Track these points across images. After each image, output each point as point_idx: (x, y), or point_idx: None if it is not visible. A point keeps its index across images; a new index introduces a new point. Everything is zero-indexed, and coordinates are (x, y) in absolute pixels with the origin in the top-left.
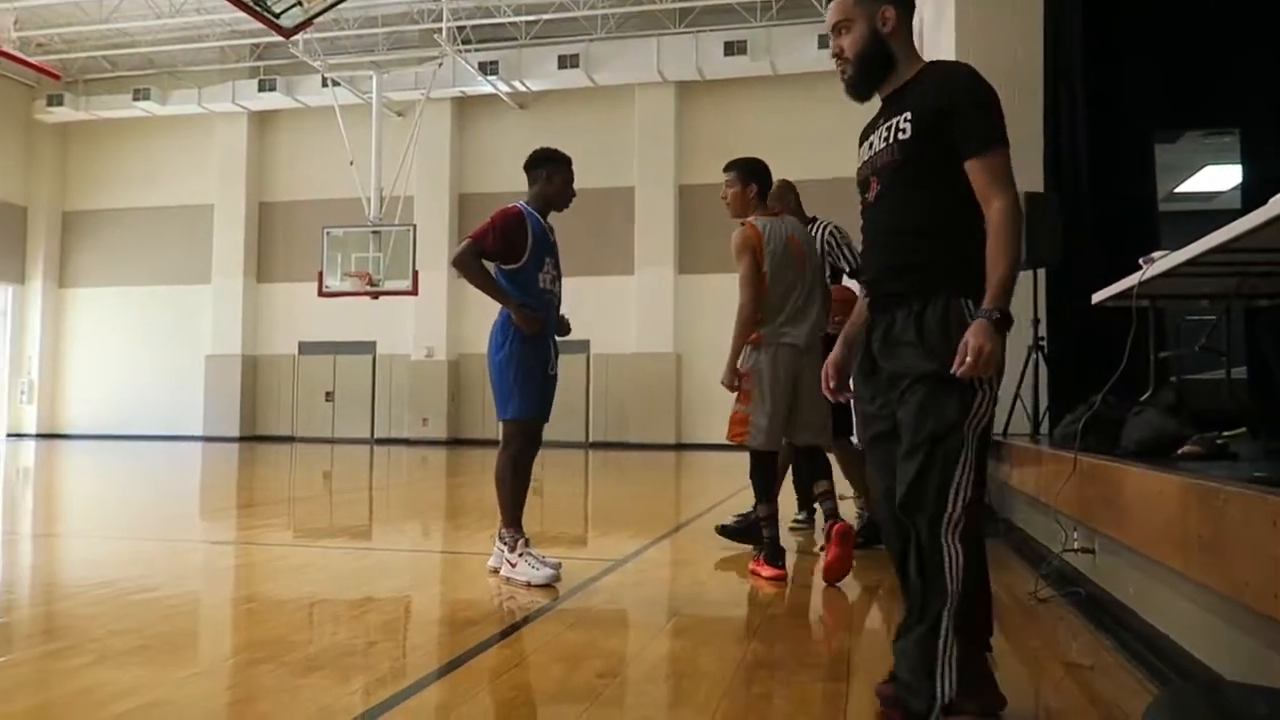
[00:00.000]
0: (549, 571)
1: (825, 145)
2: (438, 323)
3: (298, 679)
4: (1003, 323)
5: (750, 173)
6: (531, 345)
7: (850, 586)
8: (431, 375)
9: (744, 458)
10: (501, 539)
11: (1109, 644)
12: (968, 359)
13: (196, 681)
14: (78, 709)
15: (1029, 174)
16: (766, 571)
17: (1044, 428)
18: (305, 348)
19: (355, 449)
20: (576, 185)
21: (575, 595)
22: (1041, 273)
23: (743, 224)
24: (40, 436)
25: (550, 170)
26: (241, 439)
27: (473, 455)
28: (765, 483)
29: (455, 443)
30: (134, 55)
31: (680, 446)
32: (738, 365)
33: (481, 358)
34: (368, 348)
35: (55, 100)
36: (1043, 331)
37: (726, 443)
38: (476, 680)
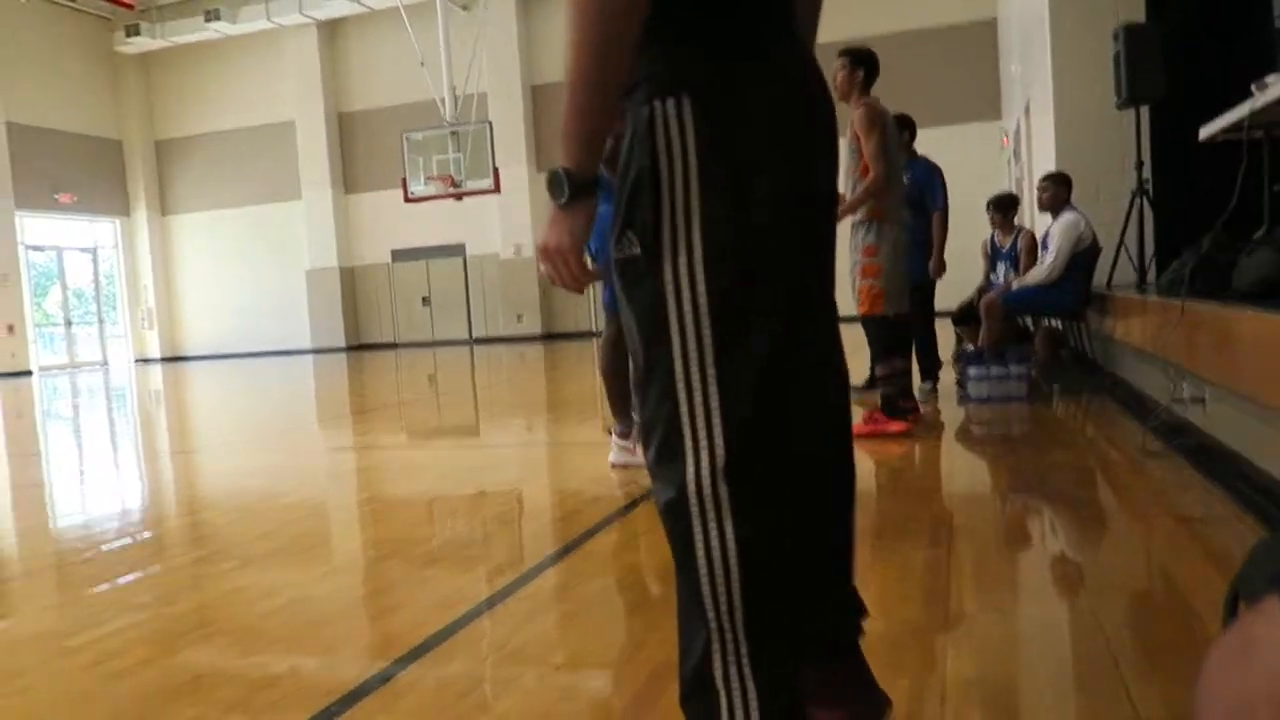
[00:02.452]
0: None
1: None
2: (522, 219)
3: (423, 570)
4: (562, 191)
5: (859, 59)
6: None
7: (951, 451)
8: (521, 272)
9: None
10: (616, 431)
11: (1222, 494)
12: None
13: (332, 578)
14: (232, 607)
15: (1128, 3)
16: (893, 426)
17: (1150, 276)
18: (398, 255)
19: (455, 350)
20: None
21: None
22: (1145, 111)
23: (863, 103)
24: (164, 360)
25: None
26: (348, 349)
27: (568, 349)
28: (891, 343)
29: (550, 337)
30: None
31: None
32: (863, 240)
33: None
34: (457, 250)
35: (133, 30)
36: (1147, 174)
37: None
38: (590, 563)
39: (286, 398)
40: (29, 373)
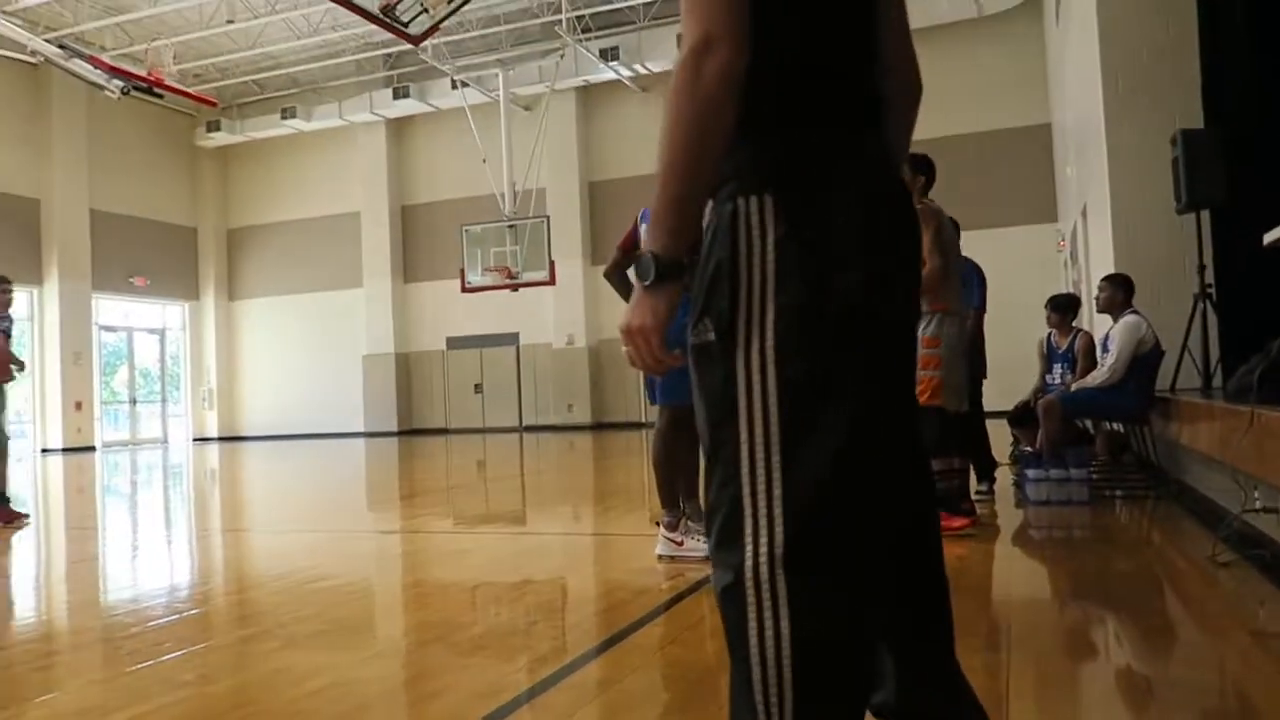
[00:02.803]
0: None
1: (960, 101)
2: (576, 310)
3: (465, 658)
4: (648, 273)
5: (919, 165)
6: None
7: (1009, 554)
8: (573, 362)
9: None
10: (664, 523)
11: None
12: None
13: (375, 662)
14: (273, 689)
15: (1185, 110)
16: (956, 522)
17: (1216, 380)
18: (452, 342)
19: (505, 437)
20: None
21: None
22: (1205, 215)
23: (921, 203)
24: (221, 439)
25: None
26: (399, 433)
27: (617, 438)
28: (950, 440)
29: (600, 427)
30: (279, 77)
31: None
32: (923, 332)
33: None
34: (511, 339)
35: (213, 126)
36: (1210, 278)
37: None
38: (635, 656)
39: (337, 480)
40: (93, 448)
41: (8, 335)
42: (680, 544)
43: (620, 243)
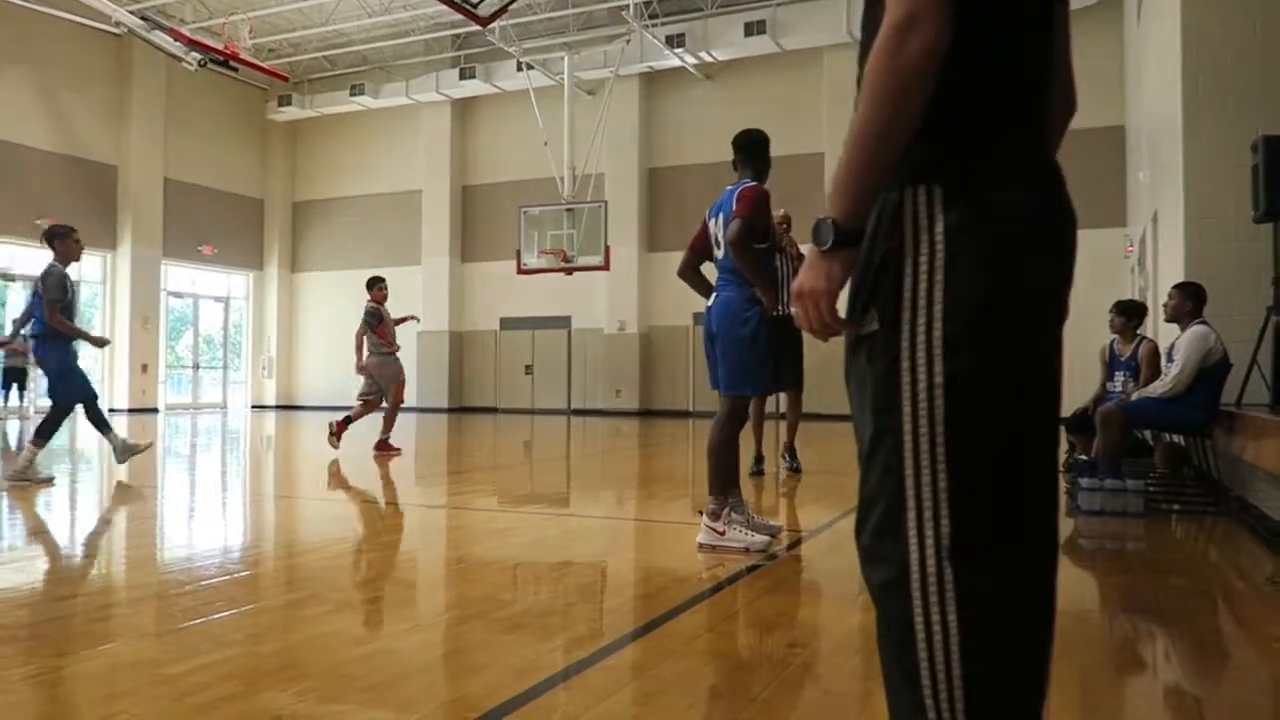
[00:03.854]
0: (762, 538)
1: None
2: (629, 296)
3: (505, 635)
4: (826, 238)
5: None
6: (769, 326)
7: (1059, 564)
8: (624, 348)
9: None
10: (707, 512)
11: None
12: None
13: (416, 633)
14: (318, 652)
15: (1269, 115)
16: None
17: None
18: (506, 323)
19: (553, 419)
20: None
21: (767, 565)
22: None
23: None
24: (279, 408)
25: (766, 152)
26: (450, 410)
27: (664, 426)
28: None
29: (646, 413)
30: (349, 54)
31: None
32: None
33: (672, 330)
34: (563, 322)
35: (284, 101)
36: None
37: None
38: (670, 643)
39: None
40: (156, 410)
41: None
42: (722, 534)
43: (690, 242)
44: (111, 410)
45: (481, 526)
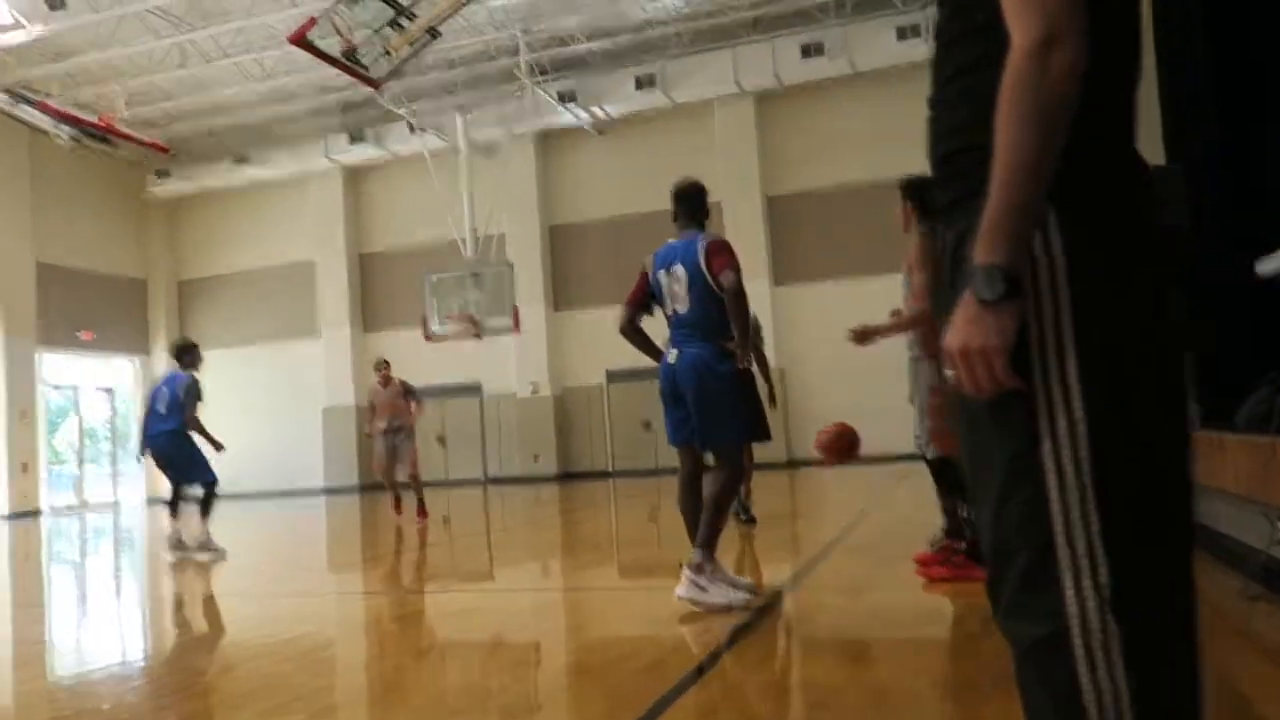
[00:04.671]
0: (743, 595)
1: (915, 141)
2: (539, 357)
3: None
4: (995, 288)
5: (913, 188)
6: (746, 370)
7: None
8: (539, 411)
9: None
10: (693, 565)
11: None
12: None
13: None
14: None
15: (1146, 146)
16: (979, 573)
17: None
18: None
19: (469, 490)
20: (658, 208)
21: (756, 625)
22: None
23: (920, 235)
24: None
25: (705, 200)
26: (361, 488)
27: (586, 488)
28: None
29: (566, 476)
30: (231, 124)
31: (791, 464)
32: (925, 380)
33: (586, 390)
34: (474, 389)
35: (163, 174)
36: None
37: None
38: (690, 719)
39: (309, 538)
40: (38, 512)
41: None
42: (705, 589)
43: (628, 297)
44: None
45: (441, 610)
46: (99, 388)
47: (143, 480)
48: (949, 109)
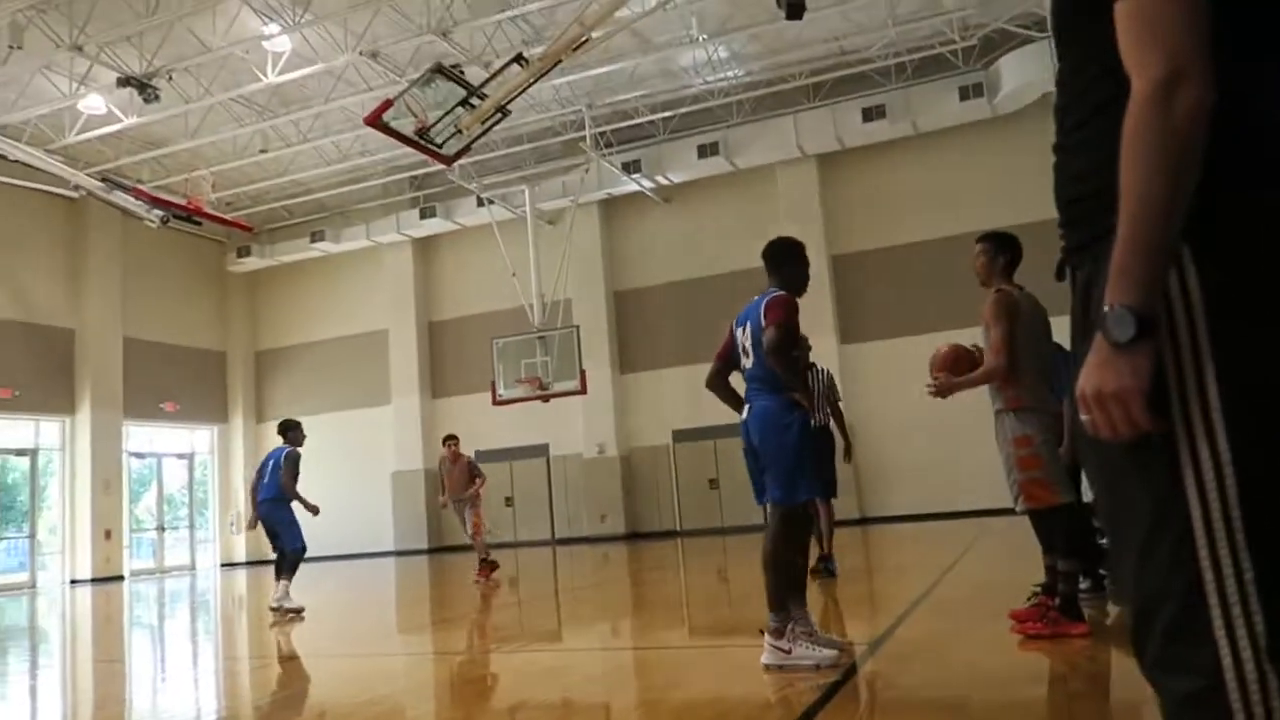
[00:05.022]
0: (830, 653)
1: (977, 198)
2: (606, 419)
3: None
4: (1126, 329)
5: (1002, 245)
6: (813, 428)
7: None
8: (605, 471)
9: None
10: (771, 630)
11: None
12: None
13: None
14: None
15: None
16: (1076, 629)
17: None
18: (482, 456)
19: (539, 551)
20: (721, 270)
21: (846, 685)
22: None
23: (996, 291)
24: (250, 563)
25: (794, 259)
26: (430, 551)
27: (655, 548)
28: (1069, 535)
29: (634, 536)
30: (308, 202)
31: (863, 520)
32: (1010, 434)
33: (652, 450)
34: (541, 450)
35: (244, 251)
36: None
37: (914, 512)
38: None
39: (383, 599)
40: (121, 577)
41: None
42: (789, 652)
43: (718, 352)
44: (74, 581)
45: (526, 669)
46: (179, 455)
47: (217, 545)
48: (1071, 155)
